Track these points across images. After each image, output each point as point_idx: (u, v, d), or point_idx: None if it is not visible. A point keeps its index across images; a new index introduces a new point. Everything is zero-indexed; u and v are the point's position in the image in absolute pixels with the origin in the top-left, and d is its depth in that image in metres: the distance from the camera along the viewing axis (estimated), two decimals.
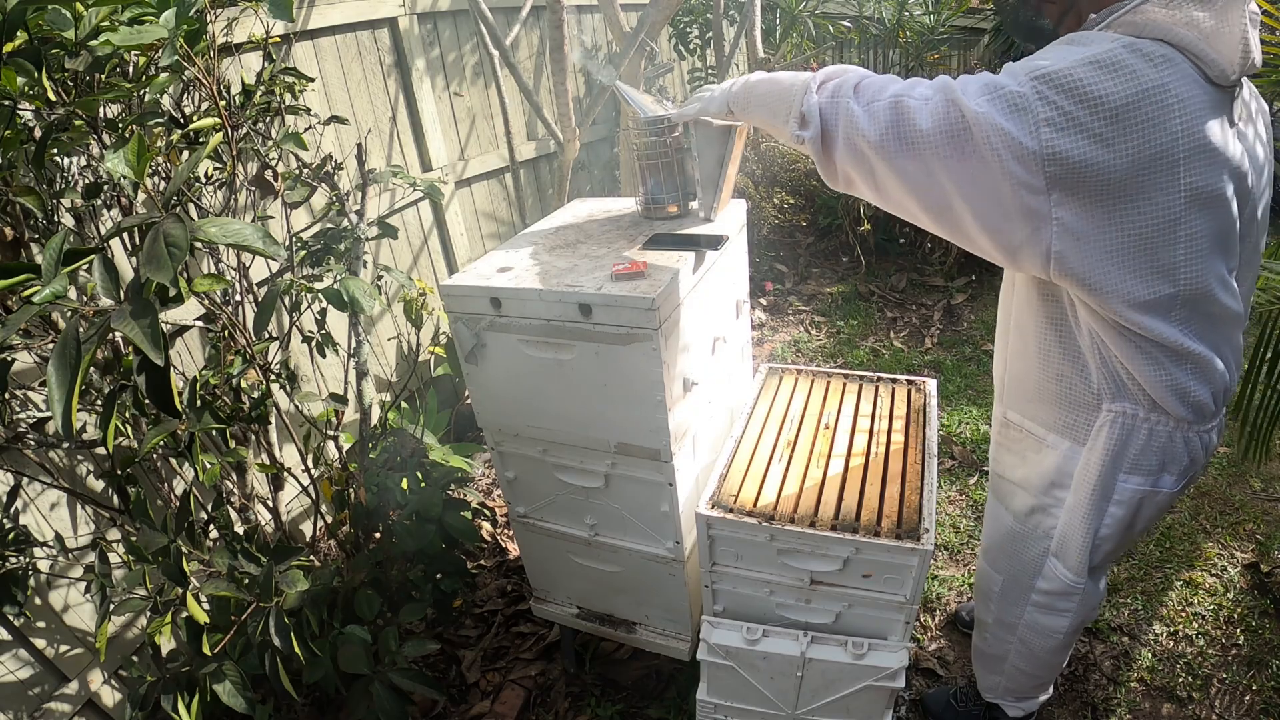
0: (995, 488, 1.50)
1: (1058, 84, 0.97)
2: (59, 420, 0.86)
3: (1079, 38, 1.05)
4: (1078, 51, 1.00)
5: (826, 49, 4.69)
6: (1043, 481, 1.35)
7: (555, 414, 1.55)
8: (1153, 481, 1.24)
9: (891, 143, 1.07)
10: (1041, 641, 1.52)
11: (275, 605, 1.41)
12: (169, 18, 1.21)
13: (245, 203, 2.16)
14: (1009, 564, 1.48)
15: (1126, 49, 0.98)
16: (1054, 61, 0.99)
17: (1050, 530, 1.37)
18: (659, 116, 1.63)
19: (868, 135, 1.08)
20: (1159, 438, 1.20)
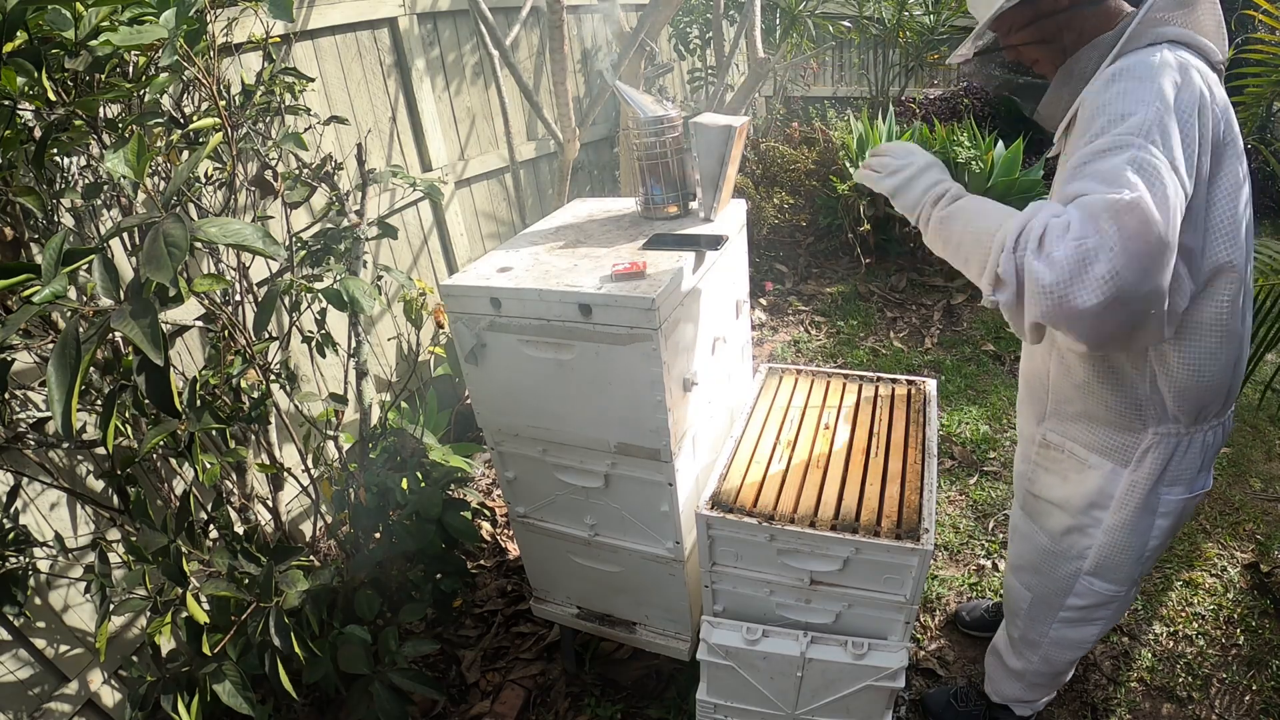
0: (1029, 507, 1.48)
1: (1165, 134, 1.00)
2: (59, 420, 0.86)
3: (1121, 74, 1.05)
4: (1139, 90, 1.02)
5: (826, 49, 4.69)
6: (1083, 502, 1.34)
7: (555, 414, 1.55)
8: (1191, 488, 1.29)
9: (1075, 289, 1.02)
10: (1068, 654, 1.54)
11: (275, 605, 1.41)
12: (169, 18, 1.21)
13: (245, 203, 2.16)
14: (1040, 581, 1.47)
15: (1167, 66, 1.03)
16: (1140, 119, 1.01)
17: (1085, 550, 1.37)
18: (659, 116, 1.63)
19: (1070, 305, 0.99)
20: (1195, 445, 1.25)
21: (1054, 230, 0.99)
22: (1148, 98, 1.01)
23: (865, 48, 5.30)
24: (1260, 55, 2.39)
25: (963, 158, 3.92)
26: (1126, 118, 1.01)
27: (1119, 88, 1.03)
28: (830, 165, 4.32)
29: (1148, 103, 1.00)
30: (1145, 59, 1.04)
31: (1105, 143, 1.01)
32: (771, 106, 5.07)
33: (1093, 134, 1.04)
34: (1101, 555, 1.36)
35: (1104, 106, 1.04)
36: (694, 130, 1.58)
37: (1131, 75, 1.04)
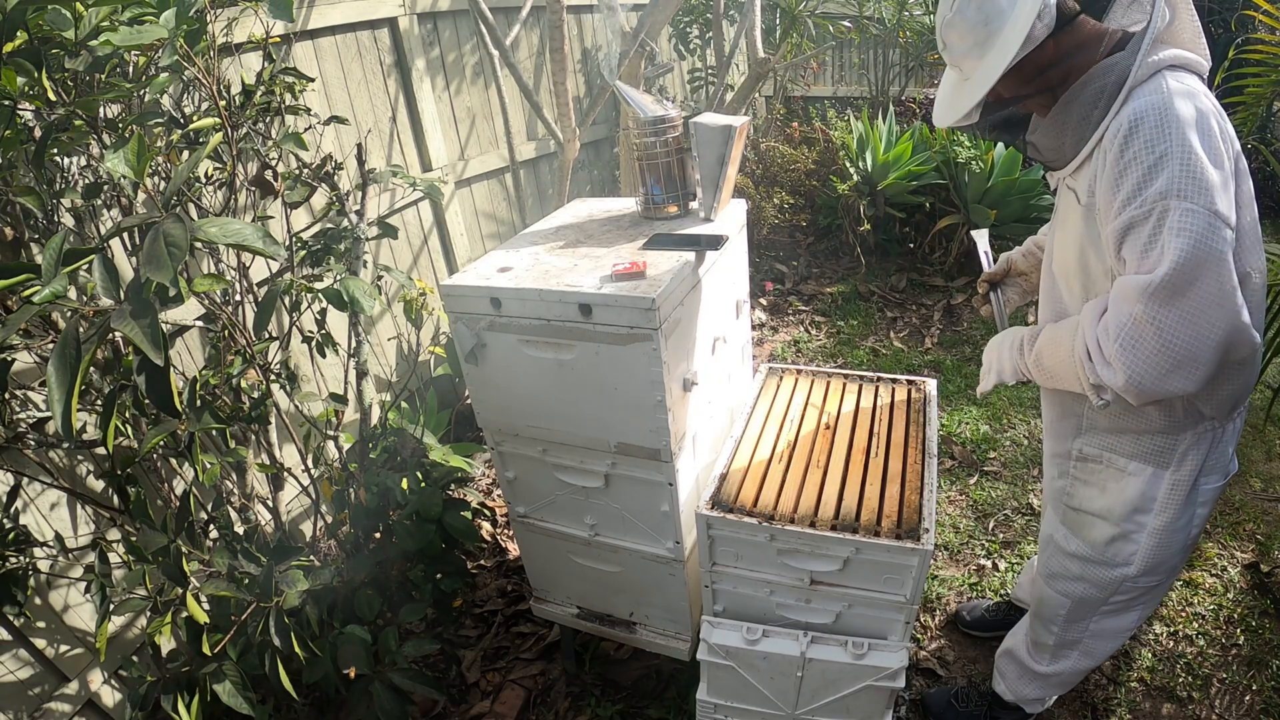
0: (1067, 520, 1.46)
1: (1198, 181, 1.02)
2: (59, 420, 0.86)
3: (1139, 124, 1.05)
4: (1160, 139, 1.03)
5: (826, 49, 4.69)
6: (1126, 509, 1.34)
7: (555, 414, 1.55)
8: (1225, 473, 1.32)
9: (1166, 363, 1.07)
10: (1109, 644, 1.54)
11: (275, 605, 1.41)
12: (169, 18, 1.21)
13: (245, 203, 2.16)
14: (1082, 588, 1.46)
15: (1180, 98, 1.05)
16: (1166, 177, 1.02)
17: (1131, 556, 1.37)
18: (659, 116, 1.63)
19: (1146, 379, 1.09)
20: (1228, 434, 1.28)
21: (1104, 335, 1.11)
22: (1172, 146, 1.02)
23: (865, 48, 5.30)
24: (1260, 55, 2.39)
25: (963, 158, 3.92)
26: (1154, 174, 1.03)
27: (1141, 141, 1.04)
28: (830, 165, 4.32)
29: (1171, 154, 1.02)
30: (1157, 101, 1.05)
31: (1139, 212, 1.05)
32: (771, 106, 5.07)
33: (1125, 196, 1.07)
34: (1147, 558, 1.36)
35: (1131, 163, 1.06)
36: (694, 130, 1.58)
37: (1149, 123, 1.04)
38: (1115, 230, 1.10)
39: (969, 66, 1.21)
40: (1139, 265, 1.07)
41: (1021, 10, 1.11)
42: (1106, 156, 1.10)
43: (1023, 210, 3.88)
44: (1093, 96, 1.13)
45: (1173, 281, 1.02)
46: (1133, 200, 1.06)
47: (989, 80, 1.15)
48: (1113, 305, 1.12)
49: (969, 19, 1.15)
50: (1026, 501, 2.55)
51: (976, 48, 1.17)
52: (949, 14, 1.19)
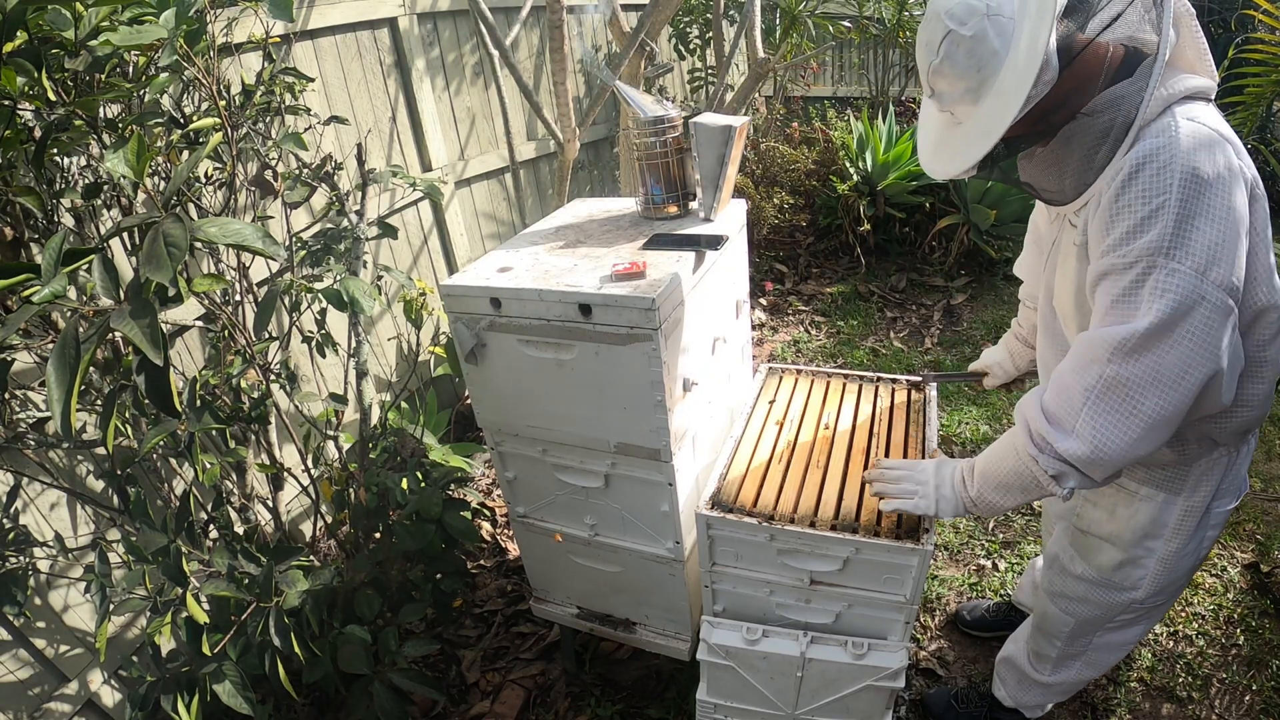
0: (1075, 542, 1.42)
1: (1189, 242, 0.97)
2: (59, 420, 0.86)
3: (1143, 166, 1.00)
4: (1159, 187, 0.98)
5: (826, 49, 4.69)
6: (1135, 535, 1.30)
7: (555, 414, 1.55)
8: (1237, 495, 1.29)
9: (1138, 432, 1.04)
10: (1113, 656, 1.53)
11: (275, 605, 1.41)
12: (169, 18, 1.21)
13: (245, 203, 2.16)
14: (1087, 609, 1.43)
15: (1192, 143, 0.99)
16: (1158, 231, 0.98)
17: (1139, 581, 1.34)
18: (659, 116, 1.63)
19: (1113, 447, 1.05)
20: (1241, 457, 1.25)
21: (1063, 405, 1.08)
22: (1169, 200, 0.97)
23: (865, 48, 5.30)
24: (1260, 55, 2.39)
25: None
26: (1146, 226, 0.98)
27: (1139, 188, 0.99)
28: (830, 165, 4.32)
29: (1167, 208, 0.97)
30: (1163, 146, 0.99)
31: (1121, 261, 1.01)
32: (771, 106, 5.06)
33: (1113, 241, 1.02)
34: (1156, 583, 1.33)
35: (1125, 209, 1.01)
36: (694, 130, 1.58)
37: (1150, 170, 0.99)
38: (1095, 272, 1.06)
39: (962, 112, 1.14)
40: (1107, 315, 1.04)
41: (1020, 61, 1.03)
42: (1102, 196, 1.05)
43: (1022, 210, 3.88)
44: (1097, 135, 1.05)
45: (1146, 343, 0.99)
46: (1119, 247, 1.02)
47: (993, 133, 1.07)
48: (1077, 369, 1.07)
49: (959, 65, 1.07)
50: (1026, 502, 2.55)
51: (969, 94, 1.10)
52: (934, 60, 1.10)
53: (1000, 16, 1.04)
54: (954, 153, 1.18)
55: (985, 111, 1.09)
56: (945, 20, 1.06)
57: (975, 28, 1.04)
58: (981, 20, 1.04)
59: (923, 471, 1.33)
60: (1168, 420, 1.02)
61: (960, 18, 1.05)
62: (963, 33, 1.05)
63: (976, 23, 1.04)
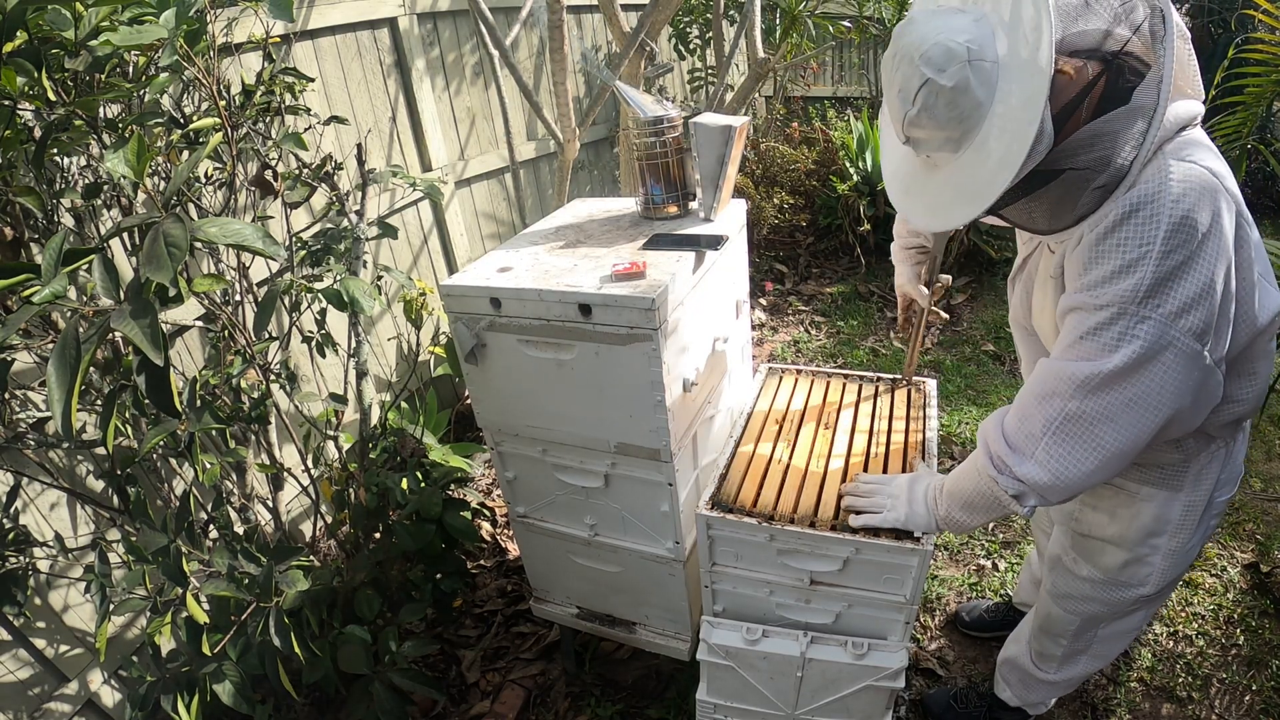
0: (1077, 545, 1.41)
1: (1167, 292, 0.96)
2: (59, 420, 0.86)
3: (1133, 214, 0.97)
4: (1144, 237, 0.96)
5: (826, 49, 4.69)
6: (1139, 534, 1.29)
7: (555, 414, 1.55)
8: (1235, 483, 1.29)
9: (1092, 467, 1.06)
10: (1118, 645, 1.52)
11: (275, 605, 1.41)
12: (169, 18, 1.21)
13: (245, 203, 2.16)
14: (1093, 608, 1.42)
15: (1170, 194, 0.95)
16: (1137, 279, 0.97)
17: (1146, 578, 1.33)
18: (659, 116, 1.63)
19: (1072, 476, 1.07)
20: (1237, 445, 1.25)
21: (1023, 434, 1.10)
22: (1154, 249, 0.95)
23: (865, 48, 5.30)
24: (1260, 55, 2.39)
25: None
26: (1127, 272, 0.97)
27: (1125, 233, 0.97)
28: (830, 165, 4.31)
29: (1149, 257, 0.95)
30: (1153, 192, 0.96)
31: (1095, 301, 1.00)
32: (771, 106, 5.06)
33: (1091, 280, 1.01)
34: (1164, 577, 1.32)
35: (1108, 252, 0.99)
36: (694, 130, 1.58)
37: (1140, 216, 0.96)
38: (1066, 304, 1.06)
39: (941, 159, 1.07)
40: (1073, 348, 1.03)
41: (1010, 122, 0.96)
42: (1084, 234, 1.03)
43: None
44: (1084, 177, 0.99)
45: (1109, 383, 1.00)
46: (1094, 288, 1.00)
47: (983, 200, 1.01)
48: (1039, 399, 1.07)
49: (939, 118, 0.99)
50: None
51: (950, 143, 1.03)
52: (912, 111, 1.01)
53: (983, 62, 0.96)
54: (938, 206, 1.12)
55: (968, 165, 1.02)
56: (922, 67, 0.97)
57: (956, 77, 0.95)
58: (963, 68, 0.95)
59: (896, 486, 1.35)
60: (1125, 453, 1.05)
61: (938, 64, 0.96)
62: (942, 82, 0.96)
63: (957, 70, 0.95)
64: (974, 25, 0.97)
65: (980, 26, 0.97)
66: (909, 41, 0.99)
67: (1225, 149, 2.60)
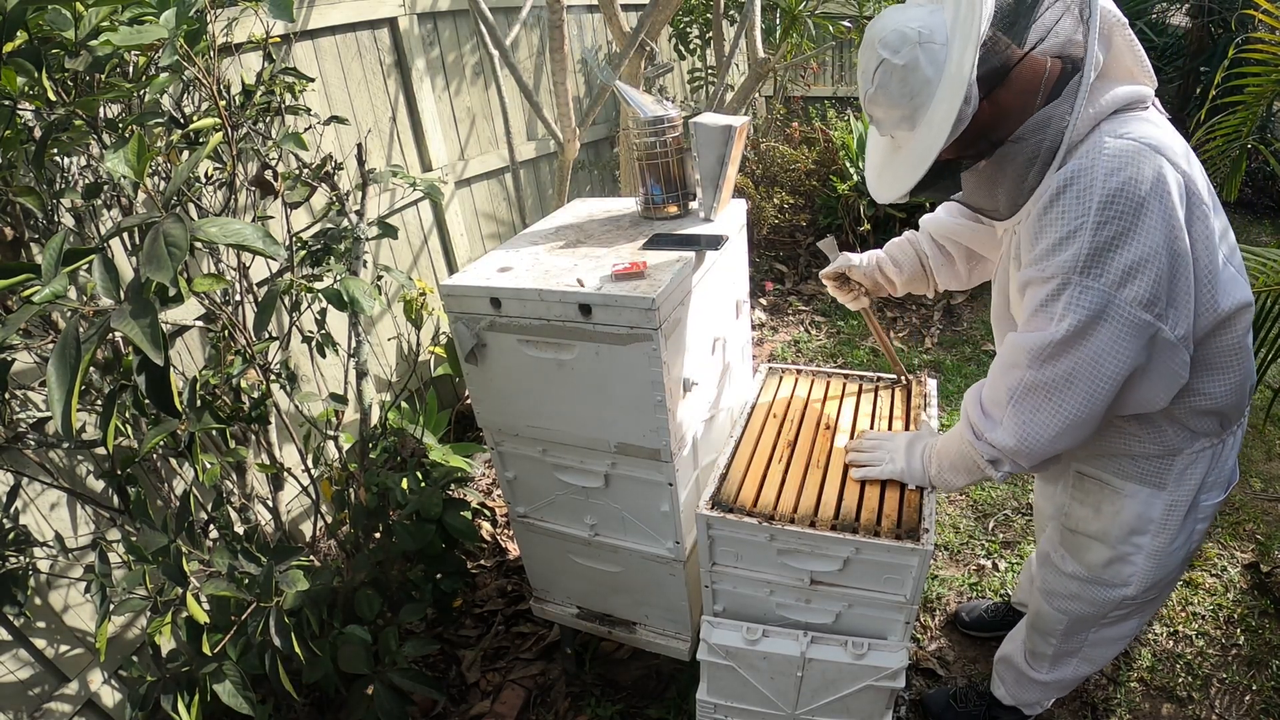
0: (1065, 541, 1.43)
1: (1103, 262, 1.02)
2: (59, 420, 0.86)
3: (1068, 186, 1.03)
4: (1080, 208, 1.02)
5: (826, 49, 4.69)
6: (1122, 531, 1.31)
7: (555, 414, 1.55)
8: (1225, 488, 1.30)
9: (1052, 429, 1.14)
10: (1110, 650, 1.53)
11: (275, 605, 1.41)
12: (169, 18, 1.21)
13: (245, 203, 2.16)
14: (1079, 607, 1.44)
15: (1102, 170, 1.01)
16: (1074, 251, 1.03)
17: (1129, 578, 1.34)
18: (659, 116, 1.63)
19: (1037, 440, 1.16)
20: (1227, 448, 1.25)
21: (992, 402, 1.19)
22: (1087, 220, 1.01)
23: None
24: (1260, 55, 2.39)
25: None
26: (1065, 245, 1.04)
27: (1060, 208, 1.04)
28: (830, 165, 4.31)
29: (1084, 229, 1.01)
30: (1086, 168, 1.02)
31: (1039, 275, 1.08)
32: (771, 106, 5.06)
33: (1036, 255, 1.08)
34: (1146, 579, 1.33)
35: (1048, 227, 1.06)
36: (694, 130, 1.58)
37: (1072, 191, 1.03)
38: (1020, 279, 1.13)
39: (901, 137, 1.17)
40: (1029, 321, 1.12)
41: (948, 87, 1.05)
42: (1030, 211, 1.10)
43: None
44: (1026, 158, 1.08)
45: (1059, 351, 1.07)
46: (1039, 261, 1.07)
47: (926, 160, 1.10)
48: (1003, 370, 1.16)
49: (892, 94, 1.10)
50: (1026, 501, 2.55)
51: (905, 120, 1.13)
52: (870, 89, 1.13)
53: (933, 44, 1.06)
54: (894, 177, 1.21)
55: (919, 137, 1.11)
56: (879, 49, 1.09)
57: (907, 56, 1.07)
58: (914, 49, 1.06)
59: (896, 442, 1.45)
60: (1085, 419, 1.12)
61: (893, 46, 1.07)
62: (895, 61, 1.07)
63: (909, 51, 1.06)
64: (928, 15, 1.08)
65: (934, 15, 1.08)
66: (871, 32, 1.12)
67: (1225, 149, 2.60)
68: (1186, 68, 5.18)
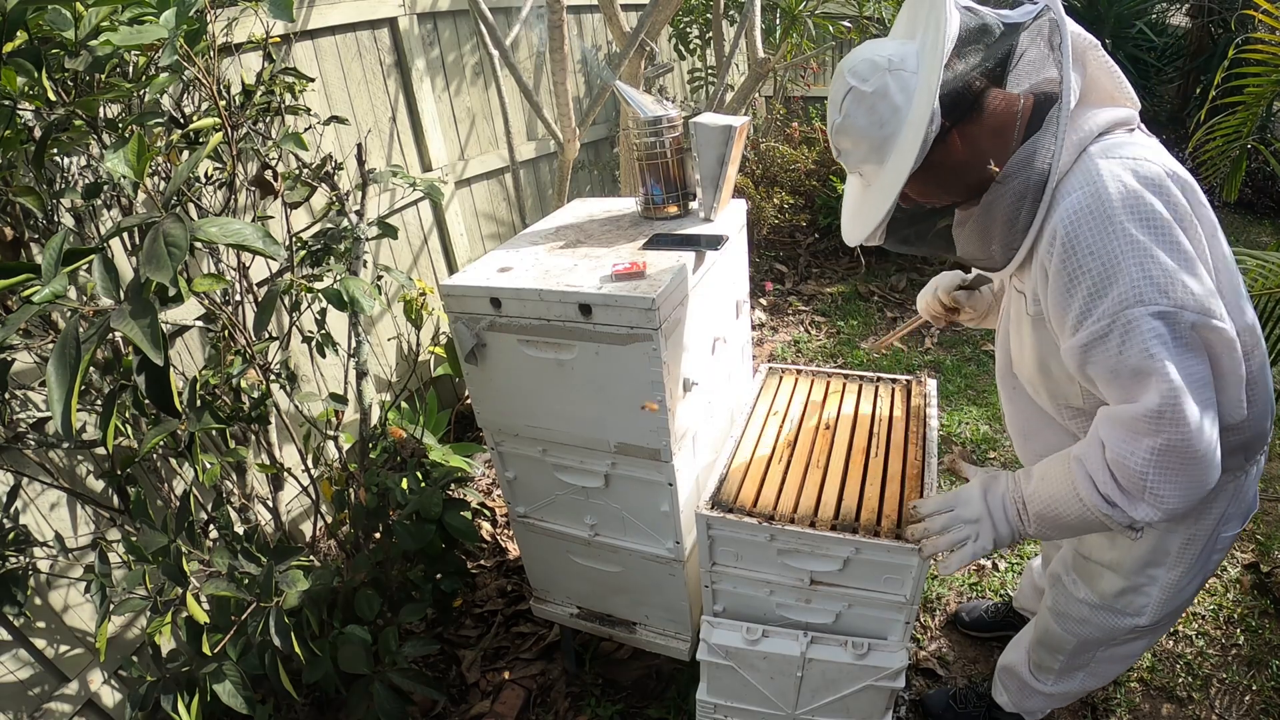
0: (1076, 566, 1.39)
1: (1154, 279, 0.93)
2: (59, 420, 0.86)
3: (1078, 223, 0.96)
4: (1105, 239, 0.94)
5: (826, 49, 4.69)
6: (1137, 564, 1.27)
7: (555, 414, 1.55)
8: (1244, 518, 1.24)
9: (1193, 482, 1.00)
10: (1117, 668, 1.51)
11: (275, 605, 1.41)
12: (169, 18, 1.21)
13: (245, 203, 2.16)
14: (1089, 630, 1.41)
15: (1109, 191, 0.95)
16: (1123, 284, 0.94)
17: (1142, 608, 1.31)
18: (659, 116, 1.63)
19: (1183, 501, 1.02)
20: (1249, 479, 1.20)
21: (1127, 477, 1.01)
22: (1119, 246, 0.93)
23: None
24: (1260, 55, 2.39)
25: None
26: (1107, 284, 0.94)
27: (1084, 248, 0.95)
28: (830, 165, 4.31)
29: (1121, 255, 0.93)
30: (1091, 195, 0.95)
31: (1098, 327, 0.96)
32: (771, 106, 5.06)
33: (1079, 311, 0.98)
34: (1160, 610, 1.30)
35: (1078, 274, 0.96)
36: (694, 130, 1.58)
37: (1088, 225, 0.95)
38: (1075, 348, 1.01)
39: (869, 173, 1.10)
40: (1122, 390, 0.99)
41: (918, 106, 0.99)
42: (1047, 266, 1.01)
43: None
44: (1015, 196, 1.00)
45: (1174, 398, 0.94)
46: (1088, 315, 0.97)
47: (892, 192, 1.03)
48: (1121, 443, 1.00)
49: (860, 124, 1.04)
50: None
51: (874, 153, 1.06)
52: (838, 118, 1.07)
53: (903, 71, 1.01)
54: (864, 213, 1.12)
55: (889, 169, 1.05)
56: (848, 77, 1.04)
57: (876, 84, 1.02)
58: (883, 75, 1.01)
59: (969, 507, 1.21)
60: (1215, 446, 0.99)
61: (862, 74, 1.03)
62: (864, 89, 1.02)
63: (878, 79, 1.02)
64: (900, 45, 1.05)
65: (905, 46, 1.05)
66: (843, 64, 1.07)
67: (1225, 149, 2.60)
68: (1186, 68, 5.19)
